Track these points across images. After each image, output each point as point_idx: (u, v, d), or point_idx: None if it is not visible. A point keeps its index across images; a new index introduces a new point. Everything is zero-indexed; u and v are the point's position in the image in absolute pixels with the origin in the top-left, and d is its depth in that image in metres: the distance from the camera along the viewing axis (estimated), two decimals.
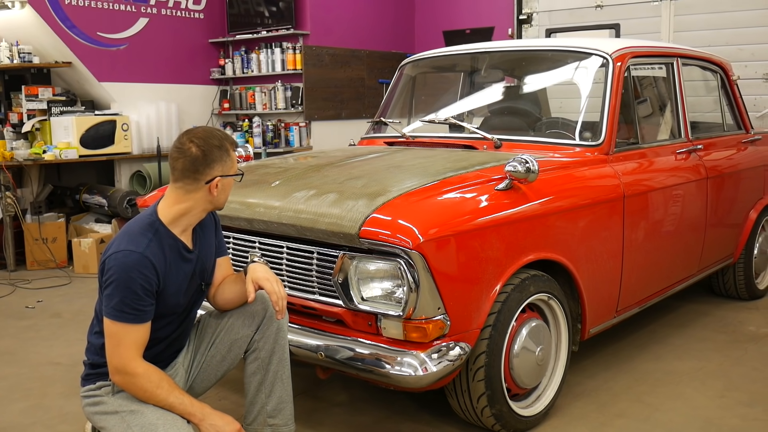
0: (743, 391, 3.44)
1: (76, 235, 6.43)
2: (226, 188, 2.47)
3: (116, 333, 2.30)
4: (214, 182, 2.39)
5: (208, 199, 2.43)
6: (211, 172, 2.39)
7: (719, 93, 4.75)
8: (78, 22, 6.64)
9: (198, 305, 2.62)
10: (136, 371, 2.30)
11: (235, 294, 2.59)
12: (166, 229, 2.40)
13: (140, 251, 2.29)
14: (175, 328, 2.52)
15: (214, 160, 2.38)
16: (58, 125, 6.45)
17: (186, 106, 7.56)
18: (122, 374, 2.31)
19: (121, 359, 2.30)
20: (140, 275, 2.27)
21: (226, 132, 2.54)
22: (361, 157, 3.56)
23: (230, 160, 2.44)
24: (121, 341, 2.29)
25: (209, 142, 2.38)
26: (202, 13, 7.70)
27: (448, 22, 8.21)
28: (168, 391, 2.33)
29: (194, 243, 2.51)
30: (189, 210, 2.43)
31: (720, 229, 4.36)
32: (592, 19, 6.94)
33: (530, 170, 2.85)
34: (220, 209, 2.54)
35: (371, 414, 3.25)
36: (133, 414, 2.32)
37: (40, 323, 4.73)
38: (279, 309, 2.50)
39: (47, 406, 3.41)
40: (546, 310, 3.12)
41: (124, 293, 2.26)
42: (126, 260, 2.28)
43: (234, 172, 2.46)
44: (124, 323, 2.28)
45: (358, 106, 7.93)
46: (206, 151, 2.37)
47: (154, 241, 2.35)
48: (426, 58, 4.44)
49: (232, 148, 2.45)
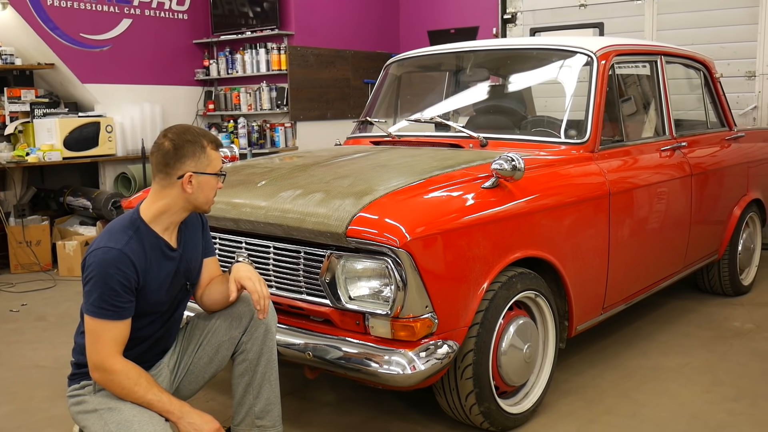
0: (729, 386, 3.46)
1: (60, 237, 6.38)
2: (204, 187, 2.40)
3: (95, 329, 2.29)
4: (185, 178, 2.36)
5: (184, 197, 2.39)
6: (182, 167, 2.36)
7: (703, 91, 4.78)
8: (60, 23, 6.60)
9: (183, 305, 2.61)
10: (114, 368, 2.29)
11: (222, 295, 2.58)
12: (147, 227, 2.39)
13: (119, 248, 2.28)
14: (158, 328, 2.50)
15: (185, 155, 2.36)
16: (41, 127, 6.40)
17: (170, 108, 7.52)
18: (100, 371, 2.30)
19: (100, 356, 2.29)
20: (118, 271, 2.26)
21: (210, 132, 2.50)
22: (348, 157, 3.56)
23: (205, 157, 2.38)
24: (100, 338, 2.28)
25: (182, 136, 2.37)
26: (185, 14, 7.66)
27: (433, 22, 8.22)
28: (146, 389, 2.32)
29: (178, 242, 2.49)
30: (167, 208, 2.41)
31: (704, 225, 4.39)
32: (576, 18, 6.98)
33: (516, 168, 2.86)
34: (203, 211, 2.49)
35: (359, 414, 3.25)
36: (110, 411, 2.31)
37: (25, 327, 4.69)
38: (260, 308, 2.48)
39: (32, 410, 3.38)
40: (533, 308, 3.13)
41: (102, 289, 2.25)
42: (105, 257, 2.27)
43: (211, 171, 2.41)
44: (103, 320, 2.28)
45: (344, 106, 7.92)
46: (178, 146, 2.35)
47: (135, 239, 2.34)
48: (411, 57, 4.45)
49: (210, 146, 2.40)
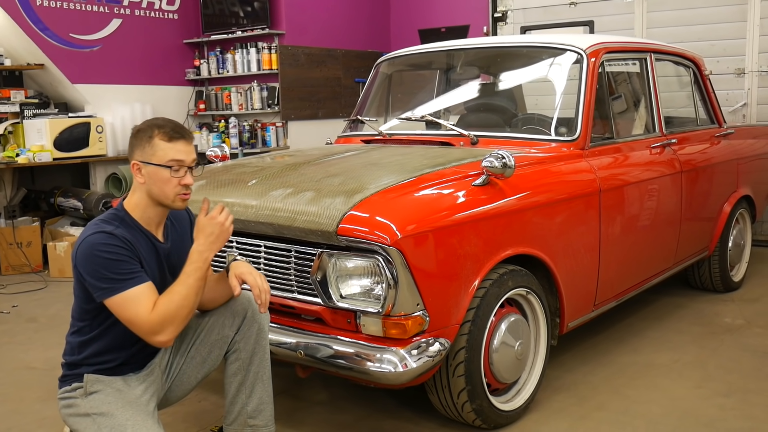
0: (720, 381, 3.48)
1: (51, 238, 6.35)
2: (155, 179, 2.33)
3: (122, 307, 2.23)
4: (132, 166, 2.37)
5: (143, 189, 2.38)
6: (132, 155, 2.38)
7: (692, 88, 4.80)
8: (50, 23, 6.57)
9: None
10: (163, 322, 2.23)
11: (216, 293, 2.56)
12: (131, 218, 2.38)
13: (106, 231, 2.27)
14: None
15: (135, 144, 2.38)
16: (31, 128, 6.38)
17: (161, 108, 7.49)
18: (157, 334, 2.24)
19: (148, 325, 2.22)
20: (110, 246, 2.24)
21: (174, 122, 2.43)
22: (338, 155, 3.55)
23: (150, 146, 2.33)
24: (130, 311, 2.22)
25: (139, 126, 2.41)
26: (176, 14, 7.64)
27: (424, 21, 8.23)
28: (179, 284, 2.29)
29: (165, 237, 2.48)
30: (138, 202, 2.40)
31: (695, 222, 4.41)
32: (566, 16, 6.99)
33: (507, 166, 2.86)
34: (166, 206, 2.39)
35: (352, 412, 3.25)
36: (103, 416, 2.30)
37: (16, 328, 4.67)
38: (261, 302, 2.45)
39: (24, 411, 3.36)
40: (524, 305, 3.14)
41: (100, 266, 2.22)
42: (92, 239, 2.25)
43: (156, 162, 2.32)
44: (121, 293, 2.22)
45: (335, 105, 7.91)
46: (132, 135, 2.40)
47: (121, 227, 2.33)
48: (402, 56, 4.45)
49: (160, 136, 2.33)
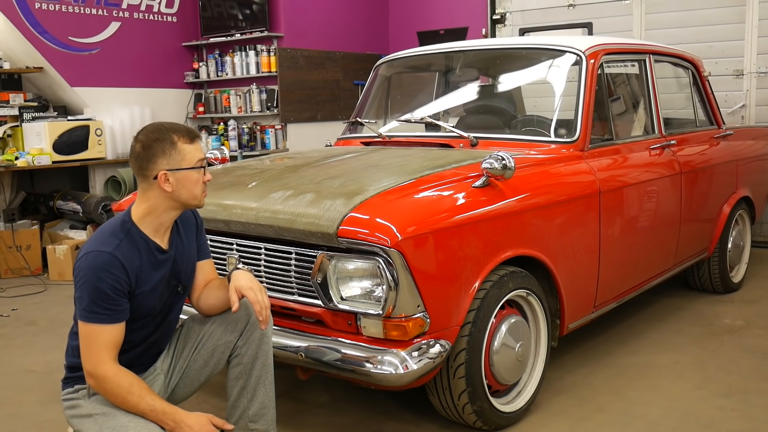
0: (720, 382, 3.48)
1: (50, 242, 6.35)
2: (184, 183, 2.33)
3: (88, 334, 2.27)
4: (160, 177, 2.31)
5: (166, 196, 2.35)
6: (155, 166, 2.32)
7: (691, 89, 4.80)
8: (49, 26, 6.57)
9: (176, 308, 2.58)
10: (106, 375, 2.26)
11: (219, 300, 2.55)
12: (138, 230, 2.37)
13: (109, 251, 2.26)
14: (151, 331, 2.48)
15: (155, 154, 2.31)
16: (30, 131, 6.37)
17: (160, 111, 7.49)
18: (93, 377, 2.28)
19: (93, 361, 2.27)
20: (109, 275, 2.24)
21: (183, 125, 2.43)
22: (338, 157, 3.55)
23: (177, 152, 2.31)
24: (93, 343, 2.26)
25: (150, 136, 2.32)
26: (175, 17, 7.64)
27: (422, 23, 8.23)
28: (139, 397, 2.28)
29: (170, 243, 2.47)
30: (152, 209, 2.38)
31: (694, 223, 4.41)
32: (564, 18, 7.00)
33: (507, 167, 2.86)
34: (193, 206, 2.43)
35: (353, 414, 3.25)
36: (105, 416, 2.30)
37: (15, 331, 4.66)
38: (262, 319, 2.44)
39: (23, 414, 3.36)
40: (525, 307, 3.14)
41: (94, 294, 2.24)
42: (95, 261, 2.25)
43: (187, 165, 2.33)
44: (95, 324, 2.25)
45: (334, 107, 7.92)
46: (146, 146, 2.32)
47: (125, 242, 2.32)
48: (401, 58, 4.45)
49: (182, 140, 2.33)
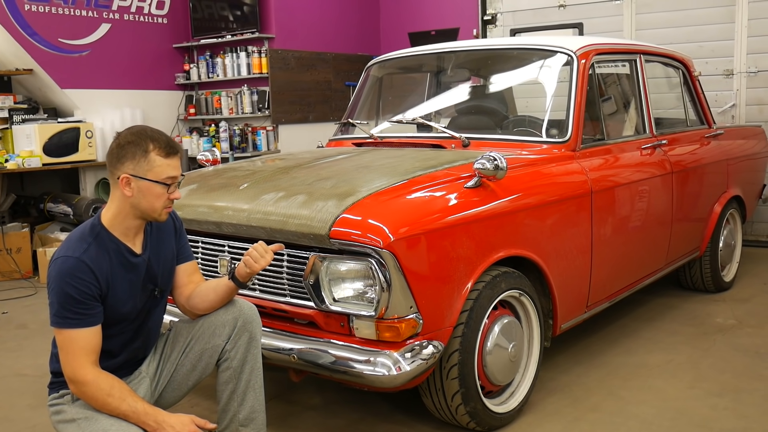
0: (712, 381, 3.48)
1: (41, 244, 6.32)
2: (145, 193, 2.31)
3: (63, 341, 2.26)
4: (121, 179, 2.30)
5: (126, 201, 2.32)
6: (122, 168, 2.30)
7: (682, 89, 4.81)
8: (39, 28, 6.54)
9: (155, 313, 2.55)
10: (85, 379, 2.24)
11: (212, 301, 2.54)
12: (108, 233, 2.35)
13: (77, 256, 2.25)
14: (131, 337, 2.46)
15: (125, 156, 2.29)
16: (20, 133, 6.34)
17: (151, 112, 7.48)
18: (73, 383, 2.27)
19: (71, 367, 2.25)
20: (77, 280, 2.23)
21: (168, 137, 2.38)
22: (330, 158, 3.55)
23: (146, 161, 2.28)
24: (69, 349, 2.25)
25: (128, 137, 2.31)
26: (165, 18, 7.62)
27: (413, 24, 8.24)
28: (120, 400, 2.26)
29: (144, 246, 2.45)
30: (118, 212, 2.35)
31: (686, 223, 4.42)
32: (555, 18, 7.01)
33: (498, 167, 2.86)
34: (151, 219, 2.39)
35: (346, 416, 3.24)
36: (87, 420, 2.28)
37: (6, 335, 4.64)
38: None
39: (13, 419, 3.34)
40: (517, 307, 3.14)
41: (63, 299, 2.22)
42: (62, 266, 2.24)
43: (153, 178, 2.29)
44: (68, 329, 2.24)
45: (326, 109, 7.91)
46: (121, 145, 2.31)
47: (94, 245, 2.30)
48: (392, 58, 4.44)
49: (157, 151, 2.30)
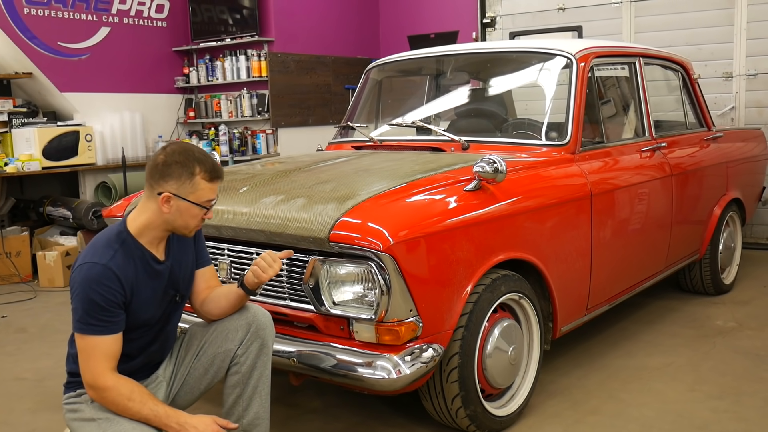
0: (713, 384, 3.48)
1: (40, 248, 6.31)
2: (183, 213, 2.34)
3: (85, 347, 2.26)
4: (163, 196, 2.31)
5: (162, 216, 2.34)
6: (164, 184, 2.31)
7: (681, 92, 4.82)
8: (38, 32, 6.54)
9: (174, 317, 2.57)
10: (106, 385, 2.26)
11: (224, 307, 2.54)
12: (134, 240, 2.36)
13: (103, 263, 2.26)
14: (150, 341, 2.47)
15: (170, 174, 2.31)
16: (19, 137, 6.34)
17: (151, 116, 7.48)
18: (93, 389, 2.28)
19: (92, 373, 2.26)
20: (103, 287, 2.23)
21: (215, 162, 2.40)
22: (330, 162, 3.55)
23: (191, 184, 2.31)
24: (91, 355, 2.26)
25: (174, 156, 2.32)
26: (164, 21, 7.62)
27: (413, 27, 8.24)
28: (141, 404, 2.28)
29: (166, 253, 2.46)
30: (149, 223, 2.37)
31: (686, 225, 4.42)
32: (554, 21, 7.02)
33: (498, 170, 2.86)
34: (182, 234, 2.42)
35: (346, 419, 3.23)
36: (108, 421, 2.29)
37: (5, 339, 4.63)
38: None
39: (14, 423, 3.33)
40: (517, 310, 3.13)
41: (88, 306, 2.23)
42: (89, 273, 2.24)
43: (194, 200, 2.33)
44: (91, 335, 2.25)
45: (325, 112, 7.91)
46: (167, 163, 2.31)
47: (120, 252, 2.31)
48: (392, 62, 4.45)
49: (202, 175, 2.32)
